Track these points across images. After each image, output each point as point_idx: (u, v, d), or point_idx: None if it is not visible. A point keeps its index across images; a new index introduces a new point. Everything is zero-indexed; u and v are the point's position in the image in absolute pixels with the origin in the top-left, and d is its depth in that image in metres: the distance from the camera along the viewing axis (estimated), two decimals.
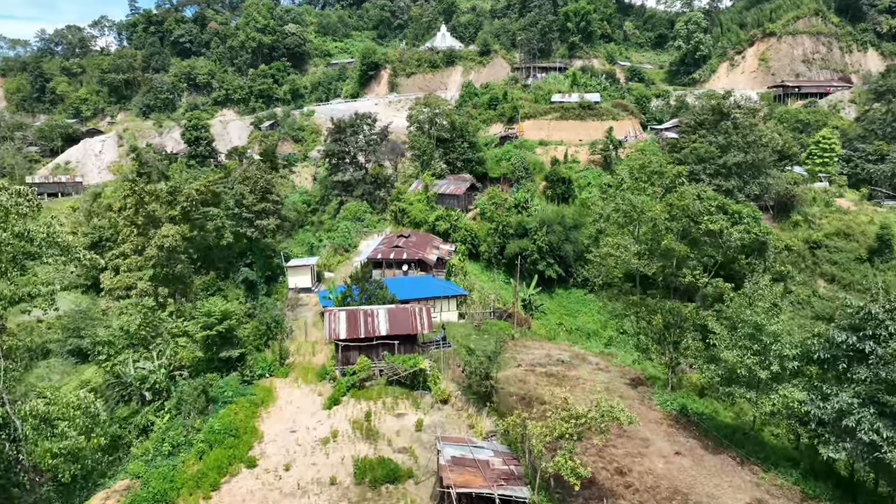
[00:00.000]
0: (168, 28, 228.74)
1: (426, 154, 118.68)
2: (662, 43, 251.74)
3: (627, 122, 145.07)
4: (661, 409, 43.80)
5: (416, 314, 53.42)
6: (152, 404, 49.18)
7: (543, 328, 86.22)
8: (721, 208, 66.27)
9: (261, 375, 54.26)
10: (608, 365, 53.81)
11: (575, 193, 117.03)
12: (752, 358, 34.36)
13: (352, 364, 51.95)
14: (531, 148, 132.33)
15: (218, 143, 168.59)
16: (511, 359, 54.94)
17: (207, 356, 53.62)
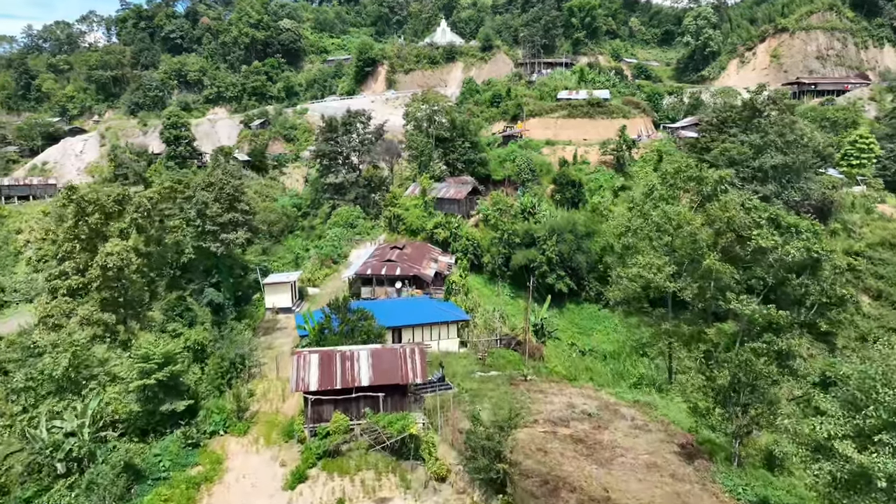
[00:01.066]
0: (158, 23, 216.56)
1: (424, 155, 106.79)
2: (669, 40, 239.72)
3: (639, 121, 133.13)
4: (731, 496, 32.05)
5: (406, 357, 41.58)
6: (67, 478, 37.39)
7: (556, 353, 74.54)
8: (773, 220, 54.41)
9: (213, 433, 42.48)
10: (647, 420, 42.05)
11: (586, 197, 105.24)
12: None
13: (325, 421, 40.24)
14: (537, 148, 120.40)
15: (205, 142, 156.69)
16: (525, 409, 43.21)
17: (146, 409, 41.87)
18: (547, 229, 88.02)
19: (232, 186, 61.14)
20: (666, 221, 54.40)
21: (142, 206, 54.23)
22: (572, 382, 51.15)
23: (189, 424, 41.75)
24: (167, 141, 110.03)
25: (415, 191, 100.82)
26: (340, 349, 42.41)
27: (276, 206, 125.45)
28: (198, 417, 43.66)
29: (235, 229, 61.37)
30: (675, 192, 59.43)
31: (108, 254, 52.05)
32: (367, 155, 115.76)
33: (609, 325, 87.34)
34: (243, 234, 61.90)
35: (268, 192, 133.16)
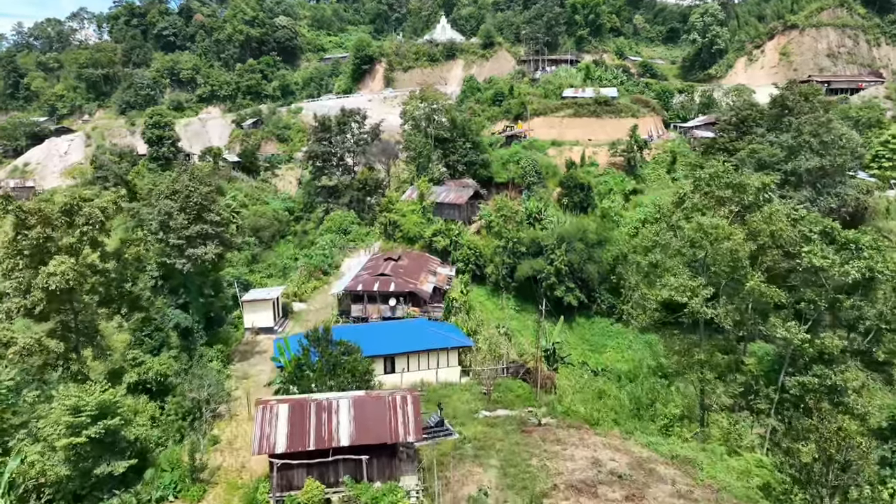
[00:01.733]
0: (151, 20, 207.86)
1: (422, 156, 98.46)
2: (674, 37, 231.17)
3: (649, 120, 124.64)
4: None
5: (395, 409, 33.29)
6: None
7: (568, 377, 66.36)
8: (827, 234, 46.08)
9: (161, 499, 34.27)
10: (692, 485, 33.80)
11: (595, 201, 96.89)
12: None
13: (296, 489, 32.02)
14: (542, 149, 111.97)
15: (196, 142, 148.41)
16: (542, 469, 35.01)
17: (77, 471, 33.62)
18: (555, 238, 79.81)
19: (200, 194, 52.54)
20: (702, 236, 46.02)
21: (93, 217, 45.90)
22: (594, 427, 42.80)
23: (129, 490, 33.46)
24: (149, 141, 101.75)
25: (412, 195, 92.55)
26: (315, 398, 34.10)
27: (267, 210, 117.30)
28: (145, 477, 35.40)
29: (204, 243, 52.82)
30: (709, 202, 50.98)
31: (51, 274, 43.71)
32: (363, 156, 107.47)
33: (623, 342, 79.19)
34: (213, 248, 53.24)
35: (259, 195, 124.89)
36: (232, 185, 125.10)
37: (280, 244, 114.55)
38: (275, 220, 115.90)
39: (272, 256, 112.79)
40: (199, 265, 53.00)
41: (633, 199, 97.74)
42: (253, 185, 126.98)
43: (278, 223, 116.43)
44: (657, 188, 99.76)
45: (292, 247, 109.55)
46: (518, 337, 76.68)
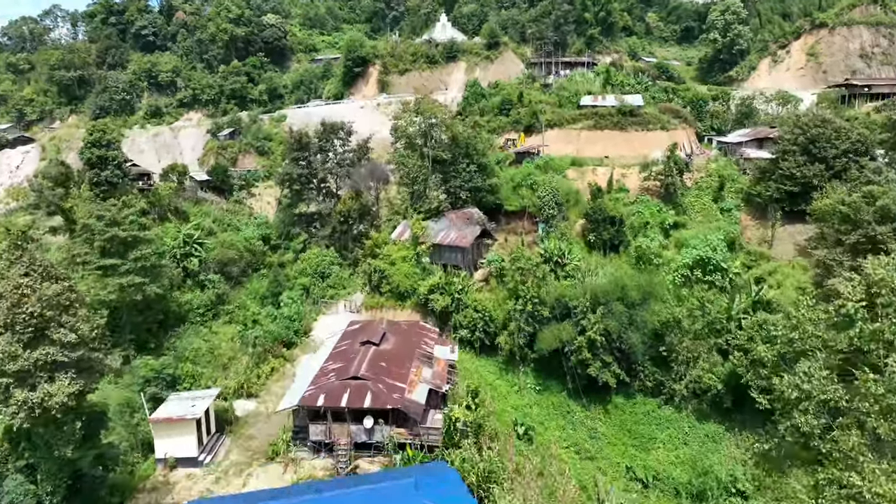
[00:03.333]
0: (129, 18, 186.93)
1: (418, 182, 78.42)
2: (689, 37, 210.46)
3: (680, 133, 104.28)
4: None
5: None
6: None
7: None
8: None
9: None
10: None
11: (627, 238, 76.94)
12: None
13: None
14: (560, 169, 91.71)
15: (165, 155, 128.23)
16: None
17: None
18: (587, 297, 60.01)
19: (42, 300, 32.04)
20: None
21: None
22: None
23: None
24: (89, 162, 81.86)
25: (404, 233, 72.56)
26: None
27: (238, 240, 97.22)
28: None
29: (51, 376, 32.24)
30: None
31: None
32: (348, 178, 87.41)
33: (675, 433, 59.78)
34: (67, 385, 32.63)
35: (230, 220, 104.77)
36: (199, 208, 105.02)
37: (252, 279, 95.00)
38: (246, 251, 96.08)
39: (242, 295, 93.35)
40: (43, 415, 31.71)
41: (675, 235, 77.67)
42: (224, 209, 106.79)
43: (251, 255, 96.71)
44: (702, 221, 79.65)
45: (266, 281, 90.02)
46: (541, 431, 57.20)
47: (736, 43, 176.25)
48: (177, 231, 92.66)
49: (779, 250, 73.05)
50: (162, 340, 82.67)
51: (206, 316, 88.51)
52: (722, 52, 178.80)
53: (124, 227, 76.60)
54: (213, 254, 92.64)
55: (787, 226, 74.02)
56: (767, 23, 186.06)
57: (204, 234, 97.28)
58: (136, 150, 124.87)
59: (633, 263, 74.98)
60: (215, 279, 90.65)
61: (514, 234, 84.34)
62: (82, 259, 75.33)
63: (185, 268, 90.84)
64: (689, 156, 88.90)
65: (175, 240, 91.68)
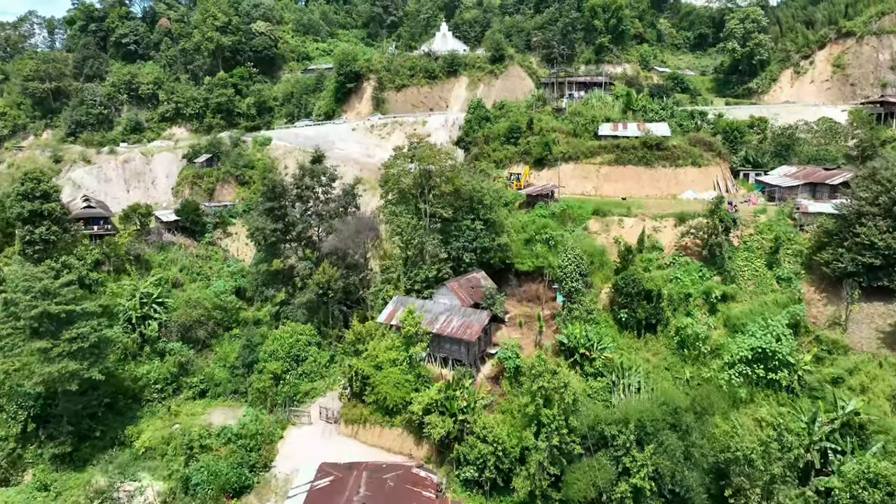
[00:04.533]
0: (110, 26, 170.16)
1: (412, 245, 62.90)
2: (702, 44, 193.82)
3: (714, 169, 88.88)
4: None
5: None
6: None
7: None
8: None
9: None
10: None
11: (666, 315, 61.57)
12: None
13: None
14: (580, 218, 76.08)
15: (136, 185, 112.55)
16: None
17: None
18: (630, 429, 44.80)
19: None
20: None
21: None
22: None
23: None
24: (20, 218, 65.75)
25: (396, 313, 57.26)
26: None
27: (206, 296, 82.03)
28: None
29: None
30: None
31: None
32: (328, 228, 71.83)
33: None
34: None
35: (200, 268, 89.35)
36: (165, 255, 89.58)
37: (224, 341, 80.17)
38: (216, 308, 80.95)
39: (210, 361, 78.56)
40: None
41: (723, 310, 62.31)
42: (194, 254, 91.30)
43: (222, 312, 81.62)
44: (755, 291, 64.17)
45: (238, 345, 75.23)
46: None
47: (756, 53, 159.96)
48: (133, 288, 77.40)
49: (856, 336, 57.77)
50: (111, 425, 67.91)
51: (165, 391, 73.74)
52: (741, 63, 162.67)
53: (59, 298, 61.41)
54: (175, 314, 77.54)
55: (865, 304, 58.63)
56: (789, 31, 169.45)
57: (167, 290, 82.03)
58: (102, 178, 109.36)
59: (674, 348, 59.95)
60: (177, 347, 75.63)
61: (527, 301, 69.16)
62: (5, 342, 60.20)
63: (143, 333, 75.84)
64: (734, 206, 73.19)
65: (131, 300, 76.51)
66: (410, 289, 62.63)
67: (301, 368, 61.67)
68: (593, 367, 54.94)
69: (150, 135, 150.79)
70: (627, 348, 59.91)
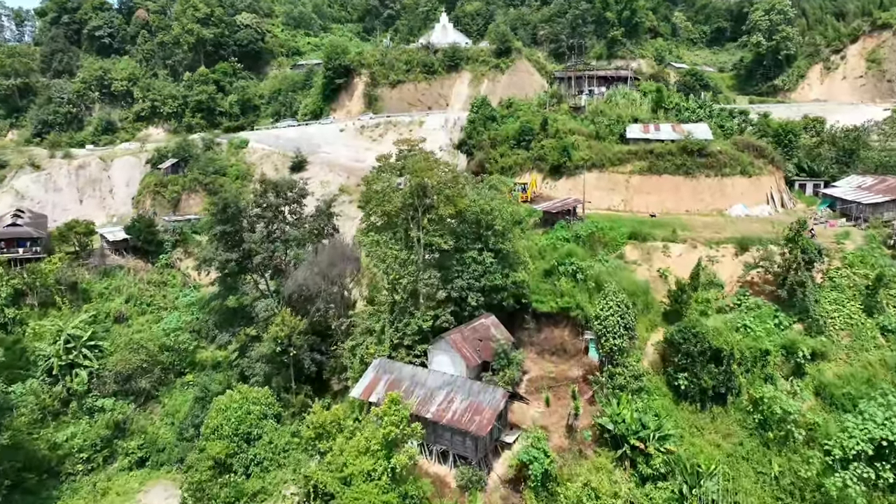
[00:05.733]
0: (82, 17, 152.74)
1: (401, 288, 45.91)
2: (719, 39, 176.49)
3: (766, 179, 71.93)
4: None
5: None
6: None
7: None
8: None
9: None
10: None
11: (738, 382, 44.69)
12: None
13: None
14: (613, 243, 59.12)
15: (90, 194, 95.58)
16: None
17: None
18: None
19: None
20: None
21: None
22: None
23: None
24: None
25: (376, 386, 40.36)
26: None
27: (153, 336, 65.32)
28: None
29: None
30: None
31: None
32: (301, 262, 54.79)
33: None
34: None
35: (151, 298, 72.47)
36: (109, 281, 72.69)
37: (174, 390, 63.49)
38: (165, 350, 64.16)
39: (156, 417, 62.10)
40: None
41: (813, 372, 45.46)
42: (145, 280, 74.33)
43: (173, 355, 64.86)
44: (854, 347, 47.23)
45: (192, 396, 58.87)
46: None
47: (783, 47, 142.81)
48: (59, 329, 60.62)
49: None
50: None
51: (93, 461, 57.12)
52: (765, 58, 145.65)
53: None
54: (112, 360, 60.87)
55: None
56: (817, 23, 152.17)
57: (105, 328, 65.27)
58: (51, 187, 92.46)
59: (751, 428, 43.16)
60: (110, 404, 58.96)
61: (549, 354, 52.37)
62: None
63: (69, 387, 59.15)
64: (811, 230, 56.22)
65: (54, 344, 59.76)
66: (399, 343, 45.86)
67: (252, 451, 44.96)
68: (651, 467, 38.18)
69: (123, 136, 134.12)
70: (689, 427, 43.19)
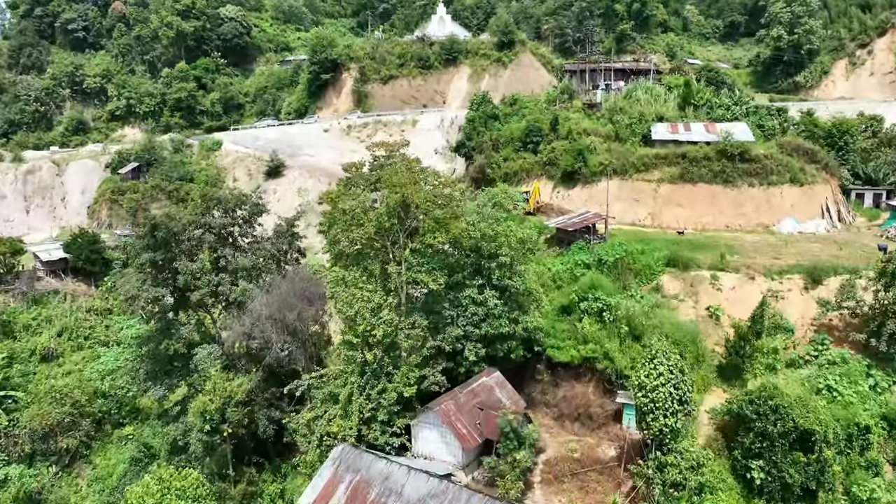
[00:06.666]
0: (54, 9, 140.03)
1: (377, 343, 33.15)
2: (733, 34, 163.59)
3: (821, 189, 59.33)
4: None
5: None
6: None
7: None
8: None
9: None
10: None
11: (832, 474, 31.81)
12: None
13: None
14: (647, 272, 46.34)
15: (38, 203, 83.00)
16: None
17: None
18: None
19: None
20: None
21: None
22: None
23: None
24: None
25: (331, 492, 27.51)
26: None
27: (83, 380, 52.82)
28: None
29: None
30: None
31: None
32: (249, 299, 42.05)
33: None
34: None
35: (91, 331, 59.90)
36: (38, 310, 60.01)
37: (110, 445, 50.95)
38: (99, 397, 51.82)
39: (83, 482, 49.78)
40: None
41: None
42: (84, 308, 61.61)
43: (108, 402, 52.52)
44: None
45: (128, 456, 46.48)
46: None
47: (805, 41, 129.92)
48: None
49: None
50: None
51: None
52: (785, 53, 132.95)
53: None
54: (27, 415, 48.36)
55: None
56: (841, 16, 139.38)
57: (22, 372, 52.71)
58: None
59: None
60: (17, 472, 46.51)
61: (569, 419, 39.87)
62: None
63: None
64: (885, 252, 43.58)
65: None
66: (371, 418, 33.23)
67: None
68: None
69: (96, 136, 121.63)
70: None
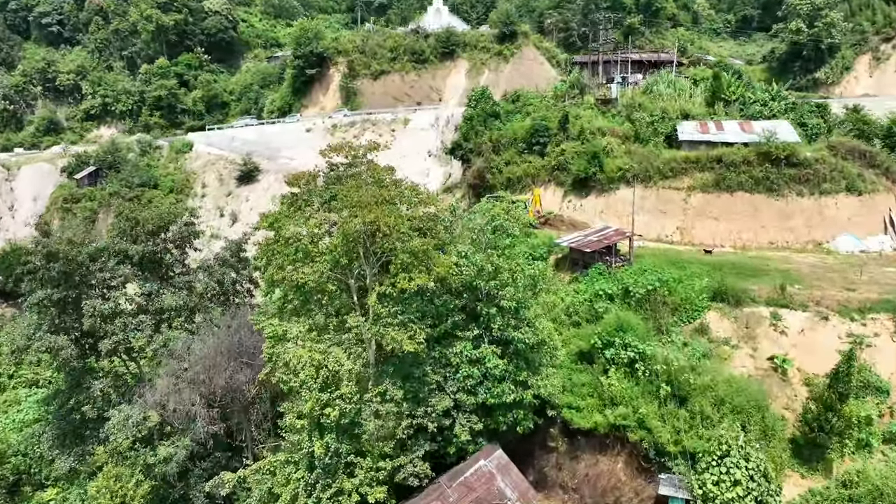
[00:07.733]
0: (29, 2, 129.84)
1: (334, 425, 22.98)
2: (745, 29, 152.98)
3: (882, 199, 49.04)
4: None
5: None
6: None
7: None
8: None
9: None
10: None
11: None
12: None
13: None
14: (687, 305, 35.97)
15: None
16: None
17: None
18: None
19: None
20: None
21: None
22: None
23: None
24: None
25: None
26: None
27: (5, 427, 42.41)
28: None
29: None
30: None
31: None
32: (170, 354, 31.89)
33: None
34: None
35: (14, 370, 49.65)
36: None
37: None
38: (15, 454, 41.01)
39: None
40: None
41: None
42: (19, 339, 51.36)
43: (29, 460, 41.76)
44: None
45: None
46: None
47: (826, 35, 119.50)
48: None
49: None
50: None
51: None
52: (804, 48, 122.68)
53: None
54: None
55: None
56: (863, 8, 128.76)
57: None
58: None
59: None
60: None
61: None
62: None
63: None
64: None
65: None
66: None
67: None
68: None
69: (70, 136, 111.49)
70: None
